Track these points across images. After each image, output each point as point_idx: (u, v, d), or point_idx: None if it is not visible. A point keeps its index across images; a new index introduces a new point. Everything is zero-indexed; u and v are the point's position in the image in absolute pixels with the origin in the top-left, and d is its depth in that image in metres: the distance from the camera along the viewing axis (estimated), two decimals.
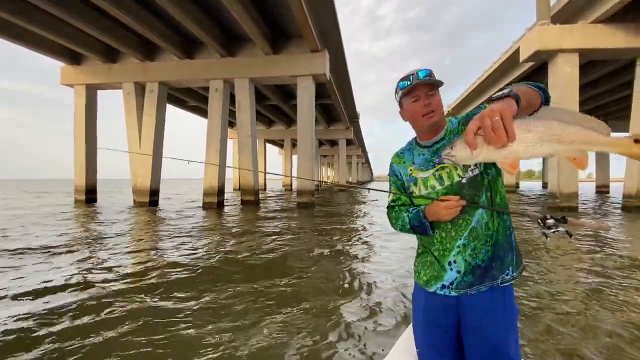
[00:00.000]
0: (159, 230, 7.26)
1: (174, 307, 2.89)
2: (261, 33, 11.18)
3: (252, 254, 4.97)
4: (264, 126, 29.23)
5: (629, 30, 10.58)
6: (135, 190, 13.62)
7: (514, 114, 0.74)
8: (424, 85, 1.07)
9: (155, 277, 3.74)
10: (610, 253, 4.90)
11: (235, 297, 3.13)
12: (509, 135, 0.71)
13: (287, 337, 2.35)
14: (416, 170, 1.15)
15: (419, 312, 1.19)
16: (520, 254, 1.13)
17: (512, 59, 14.64)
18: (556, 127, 0.72)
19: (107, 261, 4.46)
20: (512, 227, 1.12)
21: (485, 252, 1.05)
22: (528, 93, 0.83)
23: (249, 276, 3.84)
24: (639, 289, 3.31)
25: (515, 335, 1.06)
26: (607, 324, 2.49)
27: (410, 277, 3.70)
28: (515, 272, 1.07)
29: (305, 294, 3.26)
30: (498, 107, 0.74)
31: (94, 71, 13.64)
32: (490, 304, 1.05)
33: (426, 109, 1.08)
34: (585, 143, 0.71)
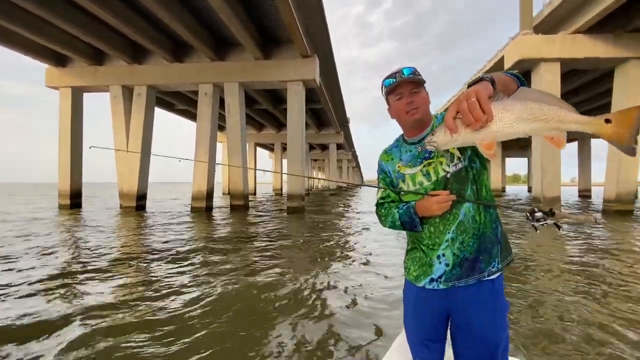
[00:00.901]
0: (143, 239, 7.16)
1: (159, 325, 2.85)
2: (251, 38, 11.21)
3: (241, 264, 4.95)
4: (254, 130, 29.16)
5: (608, 41, 11.02)
6: (122, 194, 13.39)
7: (490, 94, 0.76)
8: (408, 83, 1.09)
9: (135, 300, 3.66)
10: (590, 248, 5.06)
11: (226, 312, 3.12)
12: (487, 114, 0.73)
13: (279, 346, 2.36)
14: (404, 166, 1.17)
15: (409, 307, 1.19)
16: (508, 245, 1.14)
17: (496, 67, 15.01)
18: (533, 106, 0.72)
19: (80, 276, 4.24)
20: (499, 220, 1.13)
21: (472, 245, 1.06)
22: (504, 78, 0.87)
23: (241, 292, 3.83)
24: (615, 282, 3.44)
25: (505, 332, 1.06)
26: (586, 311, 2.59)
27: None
28: (501, 264, 1.08)
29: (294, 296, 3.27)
30: (474, 89, 0.76)
31: (80, 73, 13.42)
32: (479, 298, 1.05)
33: (409, 106, 1.10)
34: (562, 121, 0.71)
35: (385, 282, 3.84)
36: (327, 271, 4.34)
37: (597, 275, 4.04)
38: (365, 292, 3.47)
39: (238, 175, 13.18)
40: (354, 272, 4.29)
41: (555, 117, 0.71)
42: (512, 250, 1.15)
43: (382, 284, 3.79)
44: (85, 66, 13.32)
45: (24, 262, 4.67)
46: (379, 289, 3.58)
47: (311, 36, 12.16)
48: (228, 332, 2.53)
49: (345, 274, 4.22)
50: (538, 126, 0.72)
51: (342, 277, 4.08)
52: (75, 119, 13.82)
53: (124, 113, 13.36)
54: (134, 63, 13.06)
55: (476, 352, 1.04)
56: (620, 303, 3.08)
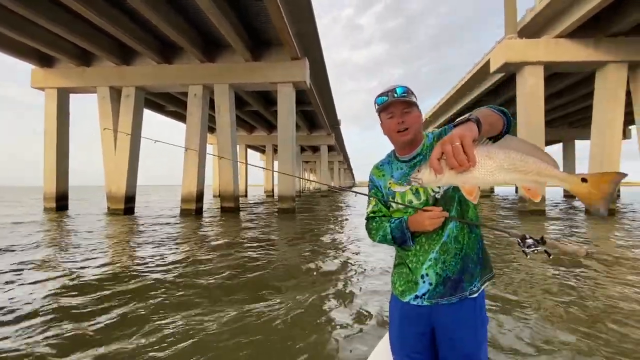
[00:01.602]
0: (130, 242, 7.10)
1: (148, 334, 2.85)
2: (241, 39, 11.22)
3: (231, 269, 4.96)
4: (245, 132, 29.07)
5: (589, 45, 11.37)
6: (109, 196, 13.21)
7: (474, 138, 0.75)
8: (400, 102, 1.10)
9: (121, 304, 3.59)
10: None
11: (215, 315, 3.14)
12: (470, 160, 0.72)
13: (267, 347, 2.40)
14: (394, 184, 1.18)
15: (394, 321, 1.21)
16: (489, 264, 1.16)
17: (483, 70, 15.34)
18: (515, 157, 0.73)
19: (68, 277, 4.23)
20: (482, 239, 1.15)
21: (454, 265, 1.08)
22: (490, 117, 0.87)
23: (230, 295, 3.84)
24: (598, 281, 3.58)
25: (484, 345, 1.11)
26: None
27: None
28: (481, 283, 1.11)
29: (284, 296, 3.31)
30: (458, 133, 0.75)
31: (67, 74, 13.22)
32: (462, 316, 1.08)
33: (400, 126, 1.11)
34: (540, 175, 0.73)
35: (372, 281, 3.90)
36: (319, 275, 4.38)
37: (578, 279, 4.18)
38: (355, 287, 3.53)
39: (228, 177, 13.14)
40: (343, 273, 4.35)
41: (534, 170, 0.73)
42: (492, 269, 1.17)
43: (369, 280, 3.86)
44: (72, 67, 13.12)
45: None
46: (367, 284, 3.64)
47: (301, 38, 12.23)
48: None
49: (336, 275, 4.28)
50: (517, 177, 0.73)
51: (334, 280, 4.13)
52: (61, 120, 13.58)
53: (112, 114, 13.19)
54: (122, 64, 12.93)
55: None
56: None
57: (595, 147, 11.98)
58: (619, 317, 2.74)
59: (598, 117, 11.96)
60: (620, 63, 11.39)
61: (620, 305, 3.03)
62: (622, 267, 4.41)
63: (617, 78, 11.48)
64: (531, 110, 11.88)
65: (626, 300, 3.14)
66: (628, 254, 5.23)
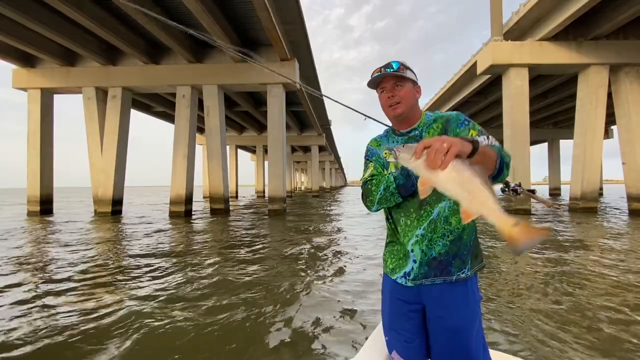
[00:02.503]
0: (118, 247, 7.00)
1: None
2: (230, 41, 11.15)
3: (223, 273, 4.94)
4: (235, 132, 28.89)
5: (571, 48, 11.67)
6: (96, 199, 12.98)
7: (462, 153, 0.79)
8: (391, 77, 1.11)
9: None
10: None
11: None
12: (441, 165, 0.77)
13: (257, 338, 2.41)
14: (389, 154, 1.18)
15: (386, 300, 1.21)
16: (480, 254, 1.15)
17: (470, 72, 15.58)
18: (475, 182, 0.76)
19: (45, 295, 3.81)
20: (476, 229, 1.15)
21: (442, 246, 1.07)
22: (490, 155, 0.90)
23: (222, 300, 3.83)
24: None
25: (478, 323, 1.09)
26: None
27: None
28: (470, 271, 1.09)
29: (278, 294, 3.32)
30: (454, 141, 0.78)
31: (51, 74, 12.93)
32: (450, 296, 1.07)
33: (390, 100, 1.12)
34: (483, 206, 0.76)
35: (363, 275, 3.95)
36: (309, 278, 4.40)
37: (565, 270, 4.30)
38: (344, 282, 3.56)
39: (218, 178, 13.05)
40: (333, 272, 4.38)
41: (482, 200, 0.76)
42: (483, 259, 1.17)
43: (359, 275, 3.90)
44: (56, 67, 12.84)
45: None
46: (356, 278, 3.68)
47: (291, 40, 12.23)
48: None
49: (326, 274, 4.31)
50: (466, 198, 0.77)
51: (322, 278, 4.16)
52: (45, 121, 13.28)
53: (97, 115, 12.96)
54: (109, 64, 12.71)
55: (450, 342, 1.06)
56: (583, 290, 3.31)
57: (578, 146, 12.31)
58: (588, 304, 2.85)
59: (580, 118, 12.29)
60: (602, 65, 11.73)
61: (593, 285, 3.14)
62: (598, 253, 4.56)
63: (599, 80, 11.81)
64: (517, 110, 12.13)
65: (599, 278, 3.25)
66: (605, 246, 5.42)
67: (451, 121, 1.11)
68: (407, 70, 1.12)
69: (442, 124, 1.12)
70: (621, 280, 3.80)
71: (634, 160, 11.85)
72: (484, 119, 23.35)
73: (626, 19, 10.34)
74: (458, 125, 1.09)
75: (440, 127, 1.12)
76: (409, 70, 1.13)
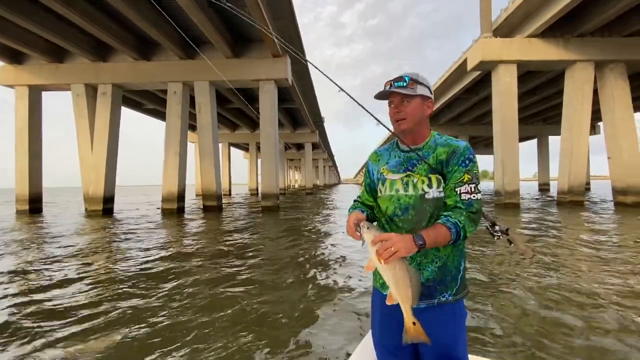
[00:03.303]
0: (110, 247, 6.99)
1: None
2: (222, 38, 11.12)
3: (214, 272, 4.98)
4: (228, 130, 28.74)
5: (559, 45, 11.91)
6: (87, 197, 12.85)
7: (407, 254, 0.95)
8: (397, 93, 1.11)
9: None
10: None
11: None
12: (385, 260, 0.94)
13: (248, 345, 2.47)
14: (387, 170, 1.18)
15: (376, 314, 1.22)
16: (464, 282, 1.16)
17: (461, 68, 15.75)
18: (401, 283, 0.97)
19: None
20: (465, 255, 1.16)
21: (431, 272, 1.09)
22: (440, 241, 1.00)
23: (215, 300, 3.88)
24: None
25: (463, 338, 1.13)
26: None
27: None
28: (452, 297, 1.10)
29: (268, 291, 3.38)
30: (403, 246, 0.93)
31: (39, 71, 12.72)
32: (437, 316, 1.09)
33: (396, 115, 1.12)
34: (401, 301, 0.98)
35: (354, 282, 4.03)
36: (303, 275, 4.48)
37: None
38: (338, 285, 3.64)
39: (210, 176, 13.02)
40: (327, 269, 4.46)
41: (401, 297, 0.97)
42: (467, 287, 1.19)
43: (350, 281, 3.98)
44: (45, 64, 12.64)
45: None
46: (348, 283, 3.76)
47: (283, 37, 12.22)
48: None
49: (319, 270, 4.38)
50: (392, 287, 0.98)
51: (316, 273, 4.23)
52: (33, 119, 13.06)
53: (87, 112, 12.80)
54: (98, 60, 12.56)
55: (438, 357, 1.10)
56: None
57: (565, 141, 12.58)
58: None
59: (567, 113, 12.56)
60: (587, 62, 11.98)
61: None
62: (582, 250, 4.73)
63: (585, 76, 12.07)
64: (506, 107, 12.34)
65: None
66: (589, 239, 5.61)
67: (456, 155, 1.09)
68: (418, 86, 1.11)
69: (447, 153, 1.10)
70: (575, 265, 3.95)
71: (618, 155, 12.16)
72: (474, 116, 23.63)
73: (610, 16, 10.60)
74: (459, 163, 1.08)
75: (444, 157, 1.10)
76: (420, 85, 1.11)
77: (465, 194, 1.05)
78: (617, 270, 3.84)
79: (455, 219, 1.02)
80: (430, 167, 1.10)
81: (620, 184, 12.14)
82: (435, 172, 1.09)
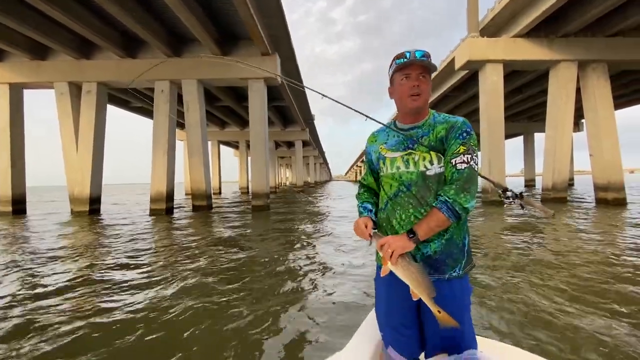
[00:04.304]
0: (97, 250, 6.89)
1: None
2: (209, 35, 10.98)
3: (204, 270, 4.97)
4: (217, 127, 28.46)
5: (543, 45, 12.14)
6: (72, 198, 12.58)
7: (402, 251, 1.02)
8: (419, 65, 1.08)
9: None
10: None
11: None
12: (390, 260, 1.03)
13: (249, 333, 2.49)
14: (386, 149, 1.18)
15: (381, 294, 1.22)
16: (471, 257, 1.18)
17: (449, 67, 15.92)
18: (412, 279, 1.04)
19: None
20: (469, 232, 1.18)
21: (438, 245, 1.10)
22: (435, 228, 1.05)
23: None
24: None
25: (468, 313, 1.14)
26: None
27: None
28: (462, 271, 1.13)
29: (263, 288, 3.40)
30: (399, 245, 1.02)
31: (20, 69, 12.34)
32: (445, 291, 1.10)
33: (414, 89, 1.09)
34: (422, 296, 1.04)
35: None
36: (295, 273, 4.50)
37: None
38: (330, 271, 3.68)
39: (200, 174, 12.90)
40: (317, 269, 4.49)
41: (419, 291, 1.04)
42: (473, 261, 1.21)
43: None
44: (26, 61, 12.27)
45: None
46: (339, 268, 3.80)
47: (272, 35, 12.14)
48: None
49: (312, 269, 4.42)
50: (411, 284, 1.05)
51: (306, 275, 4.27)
52: (14, 118, 12.69)
53: (71, 111, 12.51)
54: (82, 58, 12.26)
55: (445, 332, 1.09)
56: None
57: (549, 139, 12.88)
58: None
59: (551, 112, 12.84)
60: (571, 61, 12.26)
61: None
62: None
63: (568, 75, 12.35)
64: (492, 106, 12.54)
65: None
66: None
67: (454, 129, 1.10)
68: (431, 63, 1.10)
69: (445, 129, 1.11)
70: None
71: (600, 153, 12.51)
72: (462, 114, 23.94)
73: (593, 16, 10.83)
74: (456, 136, 1.09)
75: (443, 132, 1.11)
76: (432, 62, 1.10)
77: (460, 163, 1.06)
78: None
79: (444, 197, 1.05)
80: (430, 145, 1.11)
81: (602, 181, 12.49)
82: (435, 149, 1.10)
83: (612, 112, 12.56)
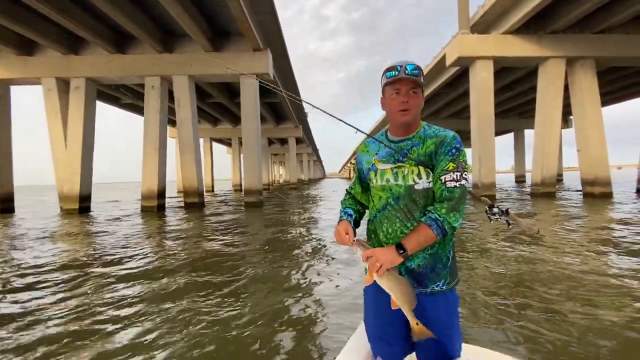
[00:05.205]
0: (87, 248, 6.83)
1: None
2: (200, 31, 10.89)
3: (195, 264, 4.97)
4: (209, 124, 28.23)
5: (532, 41, 12.30)
6: (62, 196, 12.41)
7: (390, 265, 1.03)
8: (409, 81, 1.07)
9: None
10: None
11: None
12: (377, 273, 1.04)
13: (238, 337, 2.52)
14: (378, 160, 1.18)
15: (369, 302, 1.22)
16: (456, 272, 1.17)
17: (440, 64, 16.03)
18: (395, 291, 1.05)
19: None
20: (454, 245, 1.18)
21: (421, 259, 1.10)
22: (423, 242, 1.05)
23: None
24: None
25: (456, 323, 1.14)
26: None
27: None
28: (445, 286, 1.12)
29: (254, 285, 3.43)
30: (387, 260, 1.02)
31: (6, 64, 12.06)
32: (429, 304, 1.10)
33: (403, 105, 1.09)
34: (402, 307, 1.05)
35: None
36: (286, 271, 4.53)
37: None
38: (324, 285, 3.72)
39: (191, 171, 12.82)
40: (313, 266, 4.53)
41: (401, 302, 1.05)
42: (458, 276, 1.20)
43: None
44: (12, 56, 12.01)
45: None
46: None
47: (263, 30, 12.08)
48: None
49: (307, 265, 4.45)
50: (393, 295, 1.06)
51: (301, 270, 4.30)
52: (1, 115, 12.43)
53: (60, 108, 12.29)
54: (70, 53, 12.05)
55: (433, 343, 1.09)
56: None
57: (538, 135, 13.10)
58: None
59: (540, 109, 13.05)
60: (560, 58, 12.45)
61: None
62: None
63: (557, 71, 12.56)
64: (482, 102, 12.69)
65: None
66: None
67: (443, 145, 1.09)
68: (422, 77, 1.09)
69: (435, 144, 1.10)
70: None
71: (587, 148, 12.76)
72: (454, 111, 24.13)
73: (581, 14, 11.02)
74: (445, 152, 1.08)
75: (433, 147, 1.10)
76: (422, 76, 1.10)
77: (450, 181, 1.06)
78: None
79: (435, 214, 1.05)
80: (418, 159, 1.10)
81: (589, 176, 12.75)
82: (423, 164, 1.10)
83: (599, 107, 12.81)
